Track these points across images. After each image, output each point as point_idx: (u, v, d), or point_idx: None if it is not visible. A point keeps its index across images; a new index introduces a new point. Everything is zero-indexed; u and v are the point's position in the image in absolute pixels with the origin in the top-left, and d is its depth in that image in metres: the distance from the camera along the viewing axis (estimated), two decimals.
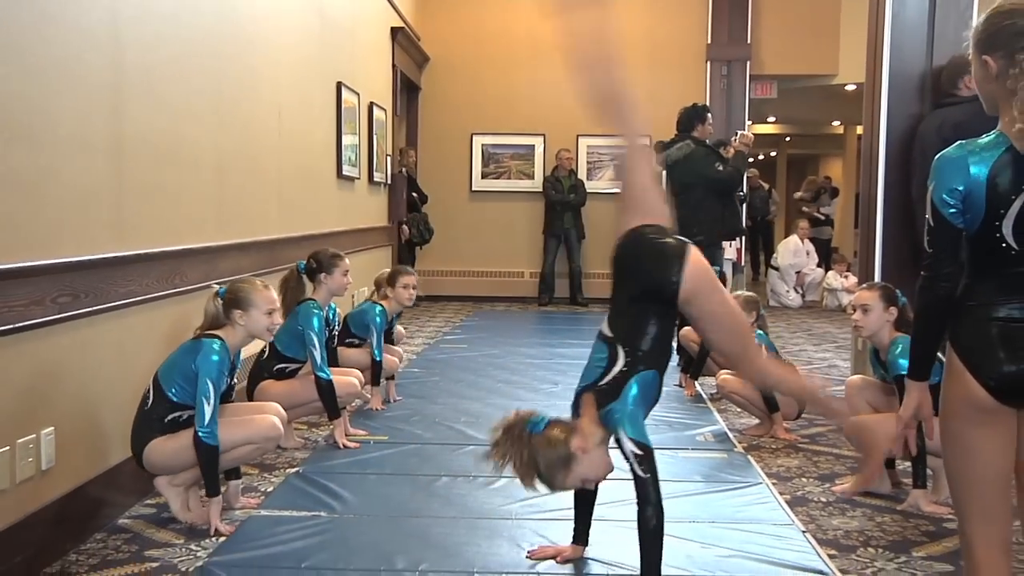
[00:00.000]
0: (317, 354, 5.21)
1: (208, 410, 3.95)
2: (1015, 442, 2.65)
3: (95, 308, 3.99)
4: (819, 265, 14.51)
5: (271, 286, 4.37)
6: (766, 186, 18.30)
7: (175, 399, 4.06)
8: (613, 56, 3.88)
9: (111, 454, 4.18)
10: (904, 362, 4.27)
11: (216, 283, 4.38)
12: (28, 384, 3.59)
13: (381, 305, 6.27)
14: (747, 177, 15.57)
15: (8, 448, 3.44)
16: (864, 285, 5.03)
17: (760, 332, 5.90)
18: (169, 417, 4.06)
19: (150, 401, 4.09)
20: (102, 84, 4.12)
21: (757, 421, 5.94)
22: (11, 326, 3.39)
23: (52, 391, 3.75)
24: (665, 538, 3.91)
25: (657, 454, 5.20)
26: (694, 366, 6.90)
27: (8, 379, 3.46)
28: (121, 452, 4.14)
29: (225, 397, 4.26)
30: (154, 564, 3.68)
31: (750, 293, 6.50)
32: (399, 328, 7.16)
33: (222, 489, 4.13)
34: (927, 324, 2.84)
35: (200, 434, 3.93)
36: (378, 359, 6.12)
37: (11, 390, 3.48)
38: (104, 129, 4.14)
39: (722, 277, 7.54)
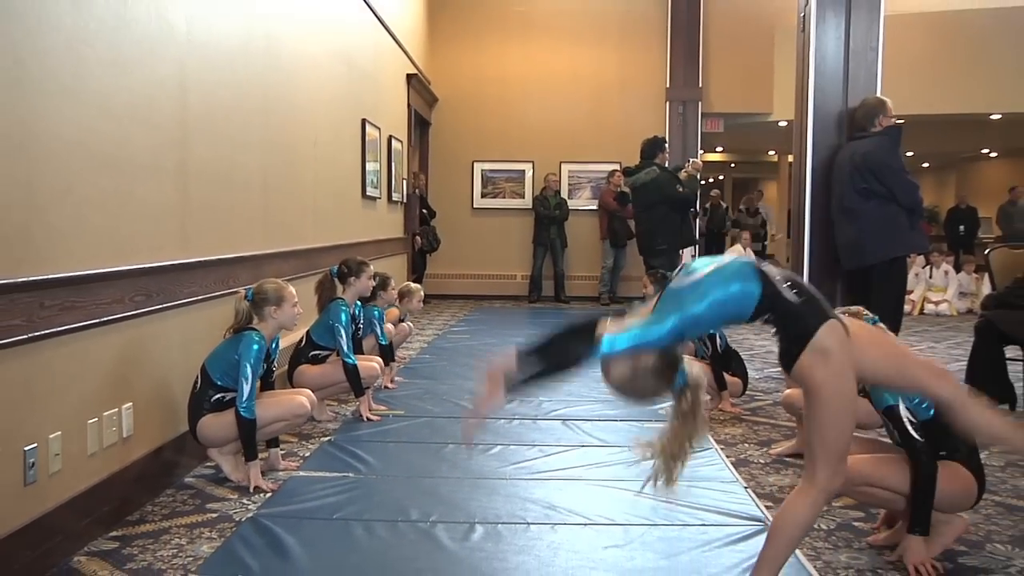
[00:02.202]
0: (344, 343, 5.23)
1: (247, 389, 3.98)
2: None
3: (164, 305, 4.02)
4: None
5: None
6: (724, 205, 18.37)
7: (219, 383, 4.09)
8: None
9: (179, 424, 4.20)
10: None
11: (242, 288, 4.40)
12: (111, 367, 3.63)
13: (374, 305, 6.24)
14: (711, 196, 15.69)
15: (96, 419, 3.49)
16: None
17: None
18: (215, 398, 4.09)
19: (198, 386, 4.12)
20: (171, 121, 4.16)
21: (708, 397, 5.96)
22: (97, 320, 3.43)
23: (130, 373, 3.79)
24: (631, 494, 3.96)
25: (623, 426, 5.30)
26: None
27: (96, 363, 3.50)
28: (186, 423, 4.17)
29: (265, 381, 4.29)
30: (214, 515, 3.72)
31: None
32: (406, 325, 7.16)
33: (265, 455, 4.17)
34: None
35: (240, 409, 3.97)
36: (384, 343, 6.13)
37: (98, 372, 3.52)
38: (172, 158, 4.17)
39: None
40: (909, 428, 3.17)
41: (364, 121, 8.58)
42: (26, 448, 3.02)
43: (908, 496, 3.21)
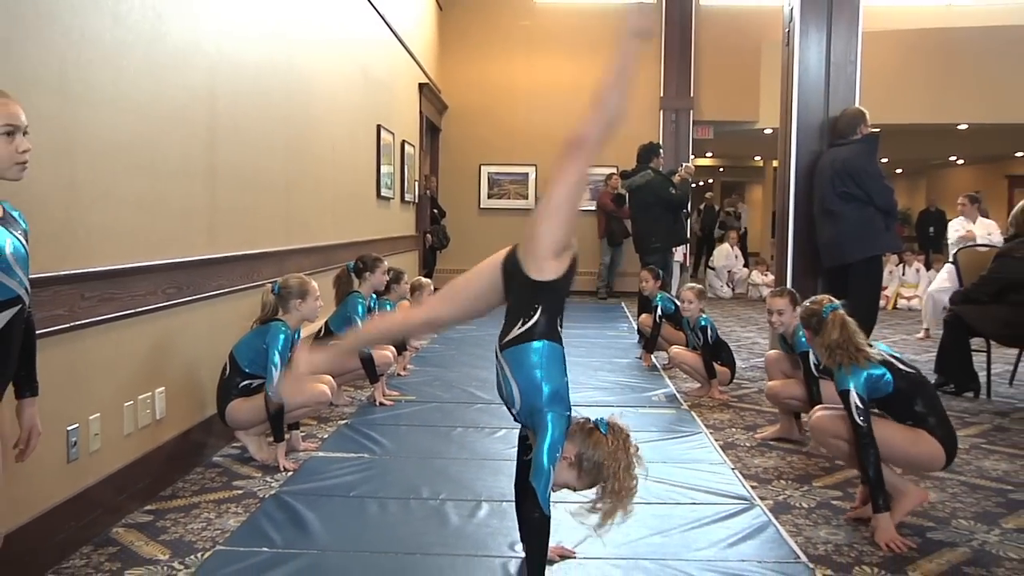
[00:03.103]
0: None
1: (276, 375, 3.99)
2: None
3: (194, 297, 4.05)
4: (745, 266, 14.58)
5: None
6: (717, 207, 18.41)
7: (247, 370, 4.11)
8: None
9: (207, 407, 4.23)
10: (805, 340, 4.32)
11: (268, 282, 4.42)
12: (145, 354, 3.64)
13: (388, 298, 6.22)
14: (705, 198, 15.64)
15: (132, 402, 3.51)
16: (774, 292, 4.97)
17: (706, 316, 5.95)
18: (243, 384, 4.11)
19: (227, 372, 4.14)
20: (201, 127, 4.17)
21: (698, 385, 5.98)
22: (133, 311, 3.45)
23: (163, 359, 3.81)
24: None
25: (619, 411, 5.28)
26: (648, 343, 6.95)
27: (131, 350, 3.52)
28: (215, 406, 4.19)
29: (288, 366, 4.31)
30: (239, 491, 3.74)
31: (699, 285, 6.57)
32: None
33: (286, 437, 4.19)
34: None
35: (270, 394, 3.99)
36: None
37: (133, 358, 3.54)
38: (202, 161, 4.19)
39: (668, 278, 7.65)
40: (854, 413, 3.23)
41: (379, 127, 8.58)
42: (68, 428, 3.04)
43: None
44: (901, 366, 3.34)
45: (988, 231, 8.56)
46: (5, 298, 2.01)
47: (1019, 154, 19.59)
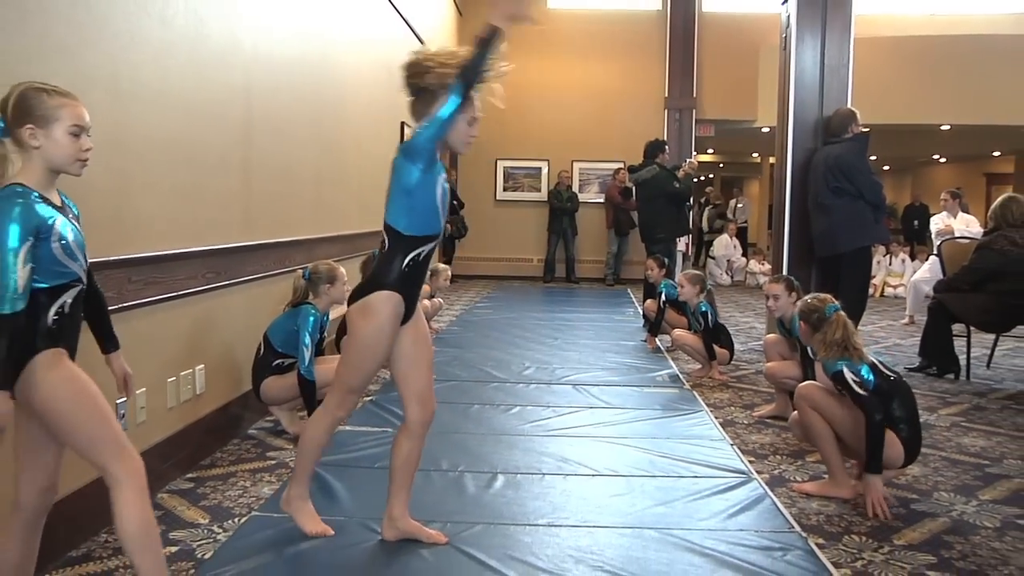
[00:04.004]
0: None
1: (307, 355, 3.99)
2: None
3: (231, 282, 4.05)
4: (743, 255, 14.53)
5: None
6: (718, 202, 18.34)
7: (280, 350, 4.11)
8: None
9: (243, 384, 4.24)
10: None
11: (299, 267, 4.41)
12: (186, 334, 3.65)
13: None
14: (707, 192, 15.55)
15: (174, 378, 3.53)
16: (772, 278, 4.97)
17: (707, 302, 5.93)
18: (276, 363, 4.11)
19: (261, 352, 4.14)
20: (238, 123, 4.16)
21: (700, 366, 5.96)
22: (175, 293, 3.46)
23: (202, 339, 3.82)
24: (632, 449, 3.97)
25: (626, 390, 5.30)
26: (653, 327, 6.93)
27: (174, 330, 3.53)
28: (250, 383, 4.20)
29: (318, 347, 4.31)
30: (273, 462, 3.75)
31: (697, 272, 6.54)
32: (437, 300, 7.16)
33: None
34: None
35: (302, 372, 3.99)
36: None
37: (175, 338, 3.55)
38: (238, 154, 4.18)
39: (672, 266, 7.64)
40: (855, 387, 3.22)
41: (403, 123, 8.55)
42: (118, 401, 3.05)
43: (843, 438, 3.34)
44: (884, 370, 3.34)
45: (967, 225, 8.53)
46: (70, 279, 2.11)
47: (996, 153, 19.47)
